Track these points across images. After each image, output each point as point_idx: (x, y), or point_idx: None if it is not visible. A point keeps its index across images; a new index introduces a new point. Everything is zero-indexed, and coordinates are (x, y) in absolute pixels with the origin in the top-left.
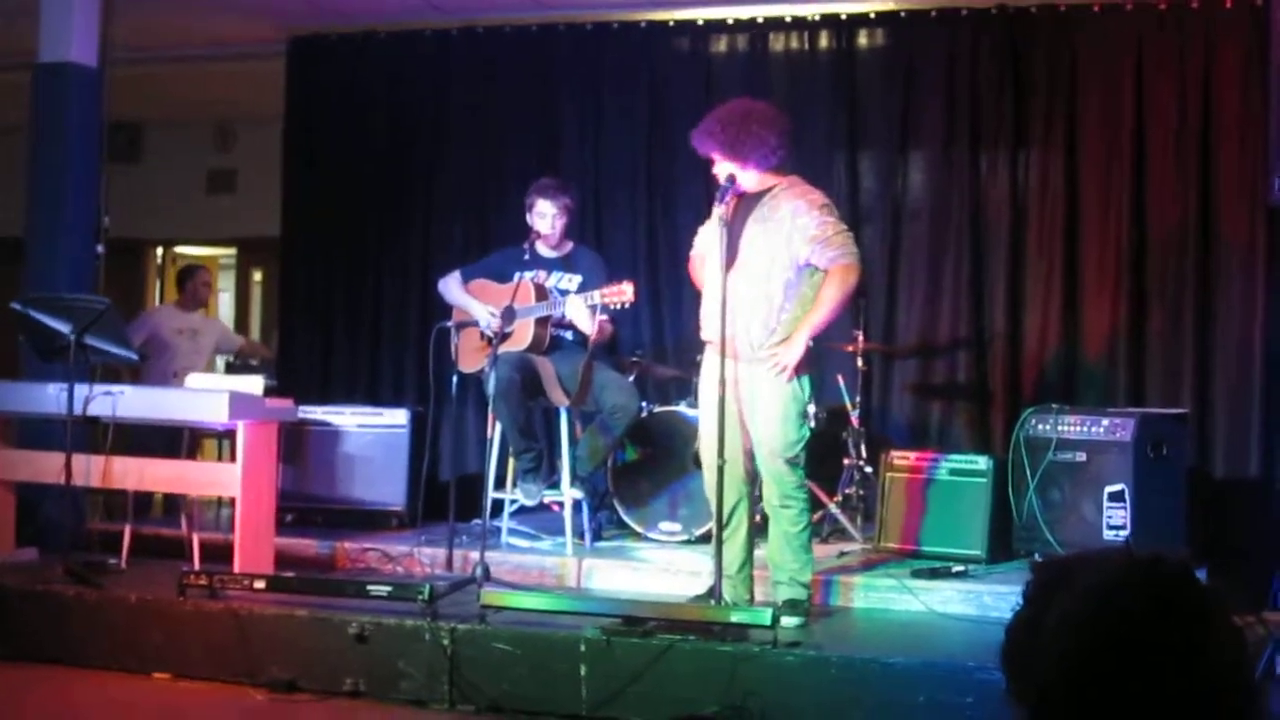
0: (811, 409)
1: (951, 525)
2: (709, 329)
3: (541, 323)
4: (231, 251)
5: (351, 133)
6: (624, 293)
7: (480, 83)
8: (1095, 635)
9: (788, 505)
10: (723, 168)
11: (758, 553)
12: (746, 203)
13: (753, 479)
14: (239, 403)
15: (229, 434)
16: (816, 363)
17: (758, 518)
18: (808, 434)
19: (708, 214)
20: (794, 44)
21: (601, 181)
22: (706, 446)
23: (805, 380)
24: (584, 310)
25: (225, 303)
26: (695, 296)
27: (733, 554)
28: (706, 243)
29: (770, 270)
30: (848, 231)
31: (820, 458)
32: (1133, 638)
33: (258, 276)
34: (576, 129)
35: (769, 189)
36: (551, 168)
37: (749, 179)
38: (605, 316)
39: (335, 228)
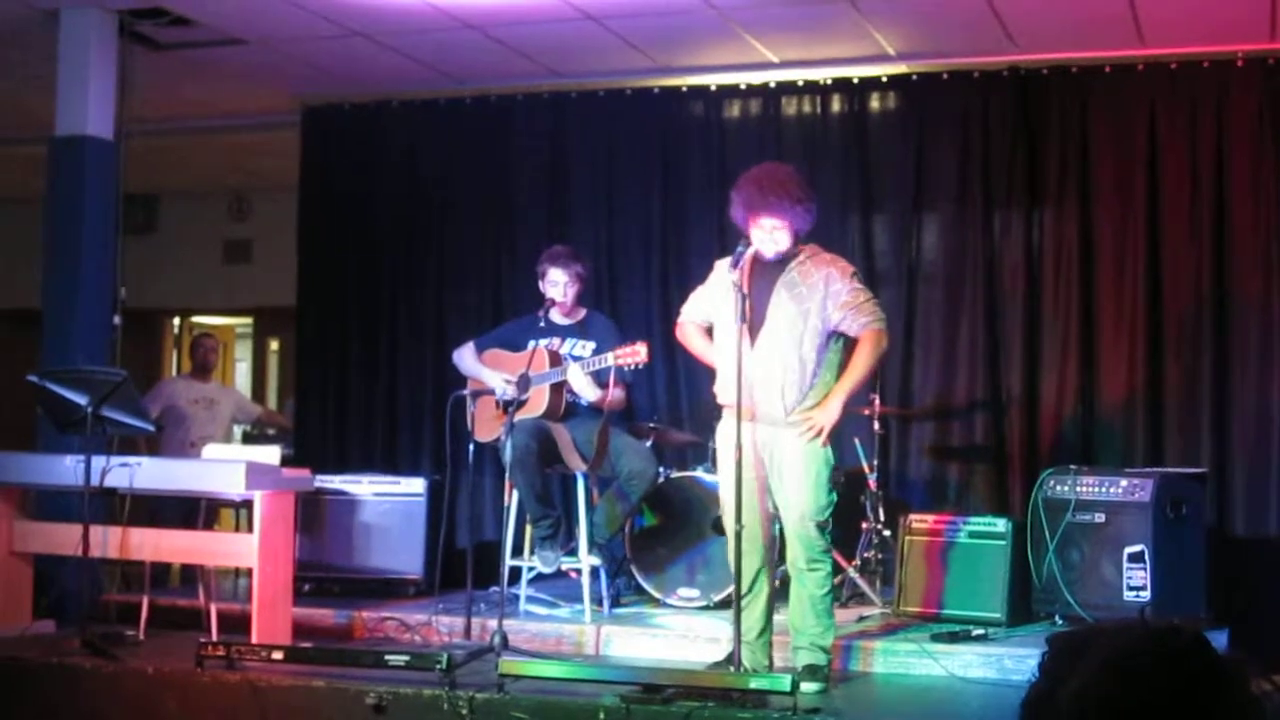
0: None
1: (971, 588)
2: (726, 393)
3: (556, 389)
4: (248, 321)
5: (366, 201)
6: (638, 353)
7: (494, 150)
8: (1113, 709)
9: (814, 568)
10: (763, 230)
11: (777, 617)
12: (767, 269)
13: (773, 544)
14: (256, 473)
15: (246, 504)
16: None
17: (777, 582)
18: (834, 499)
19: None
20: (806, 108)
21: (615, 248)
22: (729, 512)
23: (831, 448)
24: (583, 378)
25: (242, 372)
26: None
27: (752, 620)
28: (708, 309)
29: (803, 335)
30: (875, 299)
31: (838, 521)
32: (1150, 711)
33: (274, 345)
34: (589, 196)
35: (794, 255)
36: (564, 235)
37: (783, 243)
38: (622, 383)
39: (350, 296)
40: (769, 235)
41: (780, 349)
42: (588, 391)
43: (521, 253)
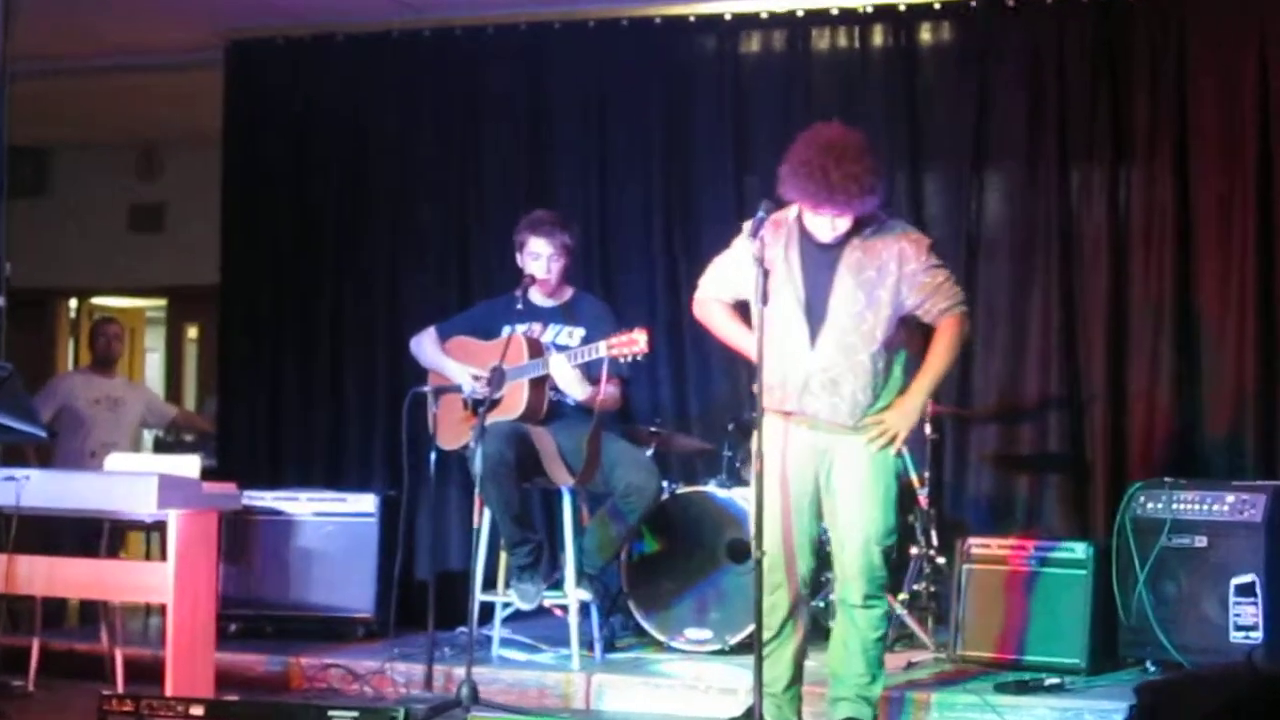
0: None
1: (1044, 628)
2: (776, 395)
3: (537, 385)
4: (161, 303)
5: (304, 158)
6: (635, 342)
7: (459, 96)
8: None
9: (871, 604)
10: (823, 219)
11: (809, 664)
12: (822, 246)
13: (810, 575)
14: (170, 488)
15: (158, 526)
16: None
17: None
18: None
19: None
20: (841, 41)
21: (609, 214)
22: (765, 533)
23: (904, 455)
24: (570, 371)
25: (153, 365)
26: (725, 353)
27: (780, 668)
28: (738, 282)
29: (874, 329)
30: (954, 277)
31: None
32: None
33: (192, 333)
34: (577, 150)
35: (855, 231)
36: (547, 198)
37: (844, 229)
38: (617, 379)
39: (285, 273)
40: (828, 224)
41: (849, 348)
42: (575, 388)
43: (494, 221)
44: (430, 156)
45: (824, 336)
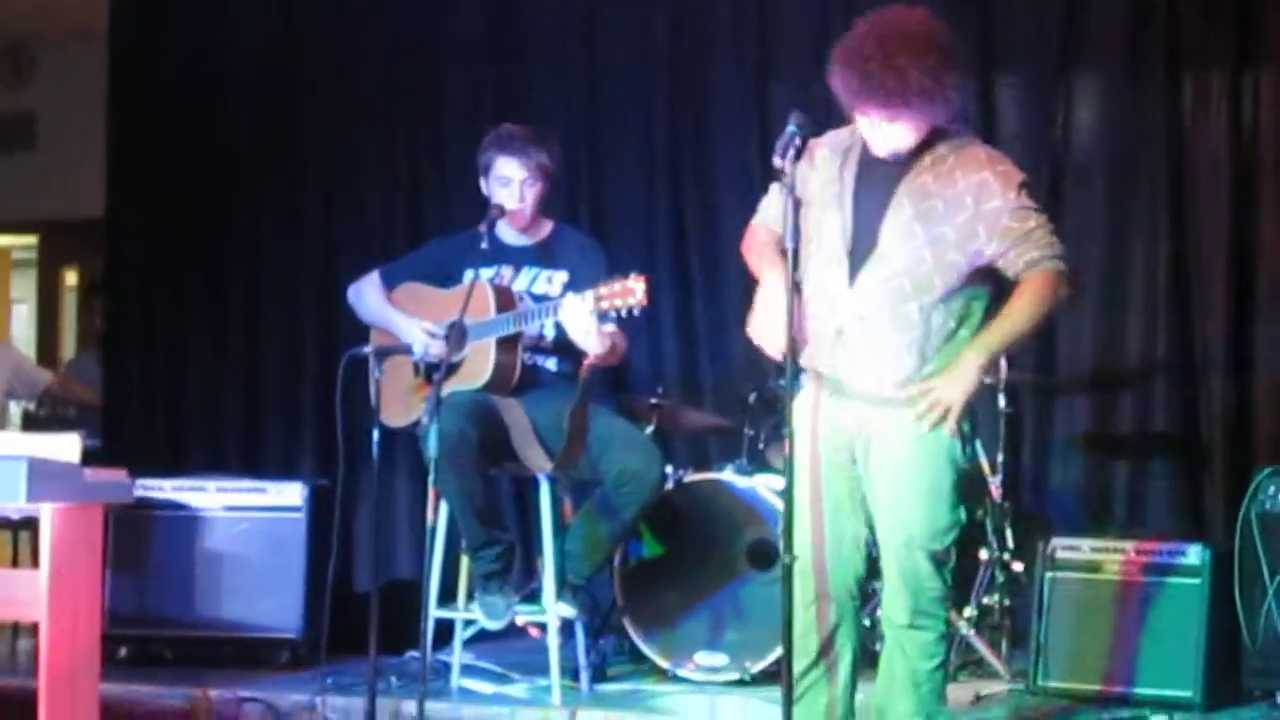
0: None
1: (1148, 652)
2: (809, 351)
3: (508, 345)
4: (31, 240)
5: (213, 58)
6: (631, 291)
7: None
8: None
9: (921, 626)
10: (870, 122)
11: (859, 697)
12: (885, 162)
13: (857, 587)
14: (43, 476)
15: (28, 524)
16: (975, 409)
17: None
18: (963, 518)
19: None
20: None
21: (599, 131)
22: (796, 532)
23: (963, 434)
24: (585, 314)
25: (21, 319)
26: (747, 303)
27: (819, 705)
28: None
29: (932, 273)
30: (1051, 224)
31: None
32: None
33: (71, 278)
34: (557, 50)
35: (926, 145)
36: (519, 114)
37: (901, 141)
38: (614, 326)
39: (188, 203)
40: (878, 132)
41: (895, 293)
42: (592, 340)
43: (454, 141)
44: (374, 63)
45: (866, 274)
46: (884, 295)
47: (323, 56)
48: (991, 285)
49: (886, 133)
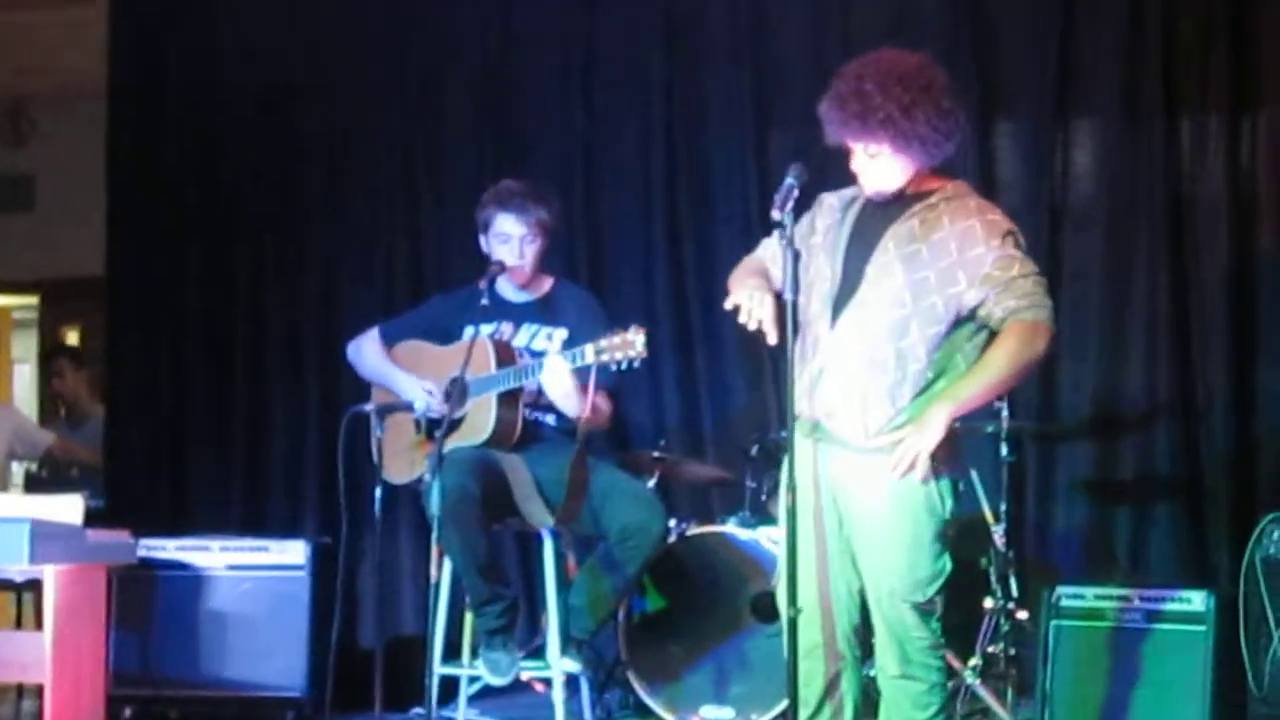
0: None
1: (1153, 700)
2: (798, 393)
3: (509, 401)
4: (31, 301)
5: (211, 115)
6: (630, 344)
7: (404, 30)
8: None
9: (913, 677)
10: (859, 156)
11: None
12: (878, 209)
13: (861, 637)
14: (46, 536)
15: (32, 586)
16: (960, 457)
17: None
18: (948, 568)
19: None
20: None
21: (597, 184)
22: (805, 581)
23: (945, 485)
24: (566, 376)
25: (23, 379)
26: (748, 355)
27: None
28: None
29: (910, 318)
30: (1039, 275)
31: (947, 598)
32: None
33: (72, 338)
34: (557, 101)
35: (919, 195)
36: (519, 166)
37: (890, 178)
38: (604, 391)
39: (189, 262)
40: (864, 166)
41: (871, 336)
42: (572, 402)
43: (453, 197)
44: (372, 108)
45: (846, 315)
46: (861, 337)
47: (322, 113)
48: (981, 340)
49: (871, 168)
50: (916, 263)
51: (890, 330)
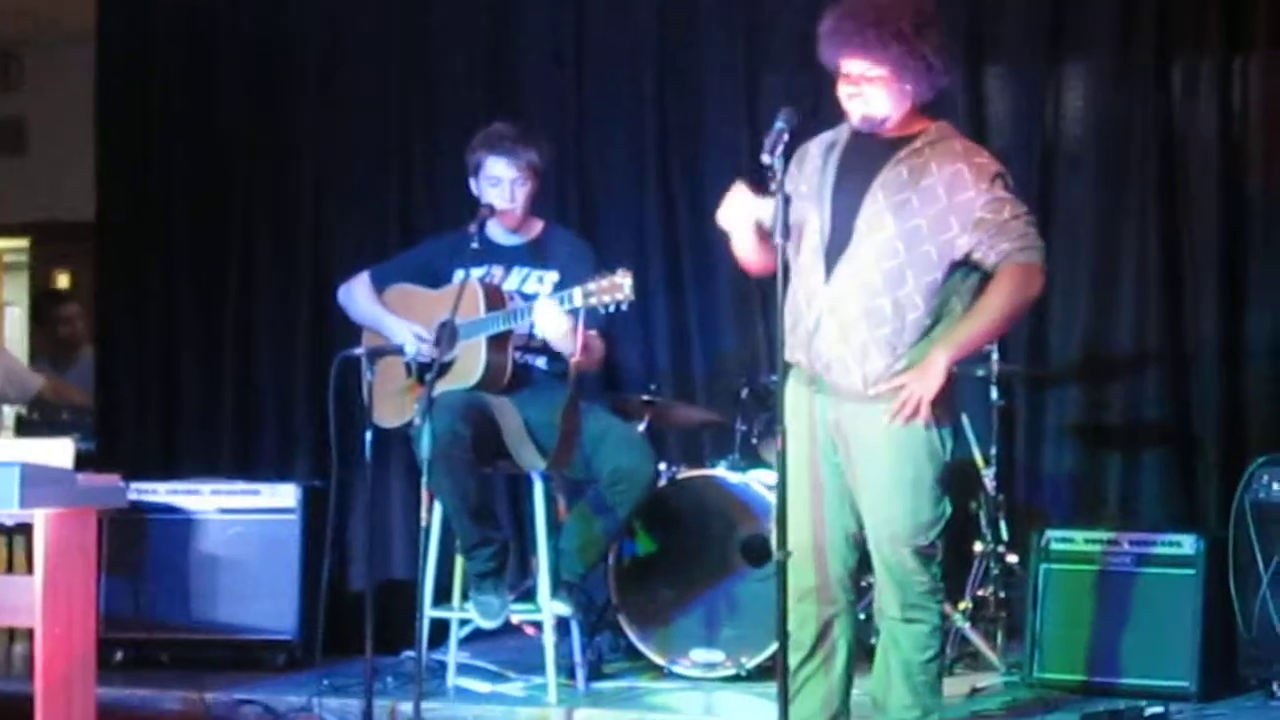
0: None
1: (1143, 643)
2: (794, 343)
3: (499, 344)
4: (22, 244)
5: (203, 59)
6: (618, 287)
7: None
8: None
9: (914, 619)
10: (849, 81)
11: (855, 692)
12: (864, 155)
13: (853, 579)
14: (36, 480)
15: (22, 530)
16: (956, 402)
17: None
18: (949, 512)
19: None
20: None
21: (587, 128)
22: (799, 525)
23: (946, 429)
24: (560, 317)
25: (13, 321)
26: (739, 298)
27: (816, 700)
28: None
29: (905, 266)
30: (1030, 215)
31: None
32: None
33: (63, 281)
34: (549, 46)
35: (904, 139)
36: (510, 109)
37: (878, 105)
38: (594, 330)
39: (179, 207)
40: (857, 90)
41: (866, 286)
42: (566, 341)
43: (445, 139)
44: (365, 64)
45: (841, 268)
46: (857, 289)
47: (313, 55)
48: (974, 281)
49: (867, 92)
50: (907, 211)
51: (885, 280)
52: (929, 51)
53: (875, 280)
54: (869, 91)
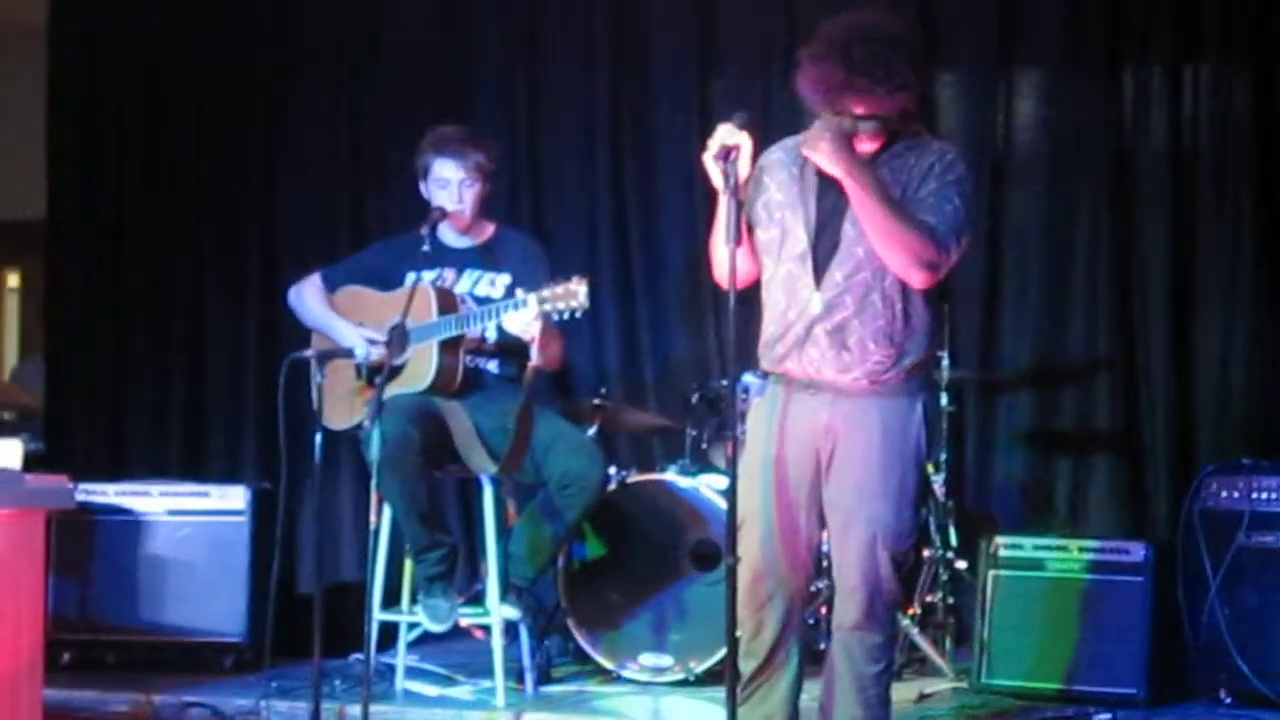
0: None
1: (1091, 650)
2: (770, 352)
3: (450, 348)
4: None
5: (153, 57)
6: (573, 294)
7: None
8: None
9: (872, 630)
10: (861, 124)
11: (803, 698)
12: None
13: (805, 587)
14: None
15: None
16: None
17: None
18: (922, 522)
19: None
20: None
21: (540, 131)
22: (742, 532)
23: (926, 434)
24: (532, 321)
25: None
26: (689, 303)
27: (769, 707)
28: (755, 203)
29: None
30: (969, 222)
31: None
32: None
33: (12, 280)
34: (499, 51)
35: (884, 149)
36: (461, 113)
37: (875, 139)
38: (557, 333)
39: (130, 206)
40: (853, 126)
41: (857, 285)
42: (529, 330)
43: (397, 141)
44: (316, 65)
45: (832, 271)
46: (850, 290)
47: (264, 57)
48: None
49: (860, 130)
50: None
51: (875, 275)
52: (911, 87)
53: (866, 278)
54: (862, 129)
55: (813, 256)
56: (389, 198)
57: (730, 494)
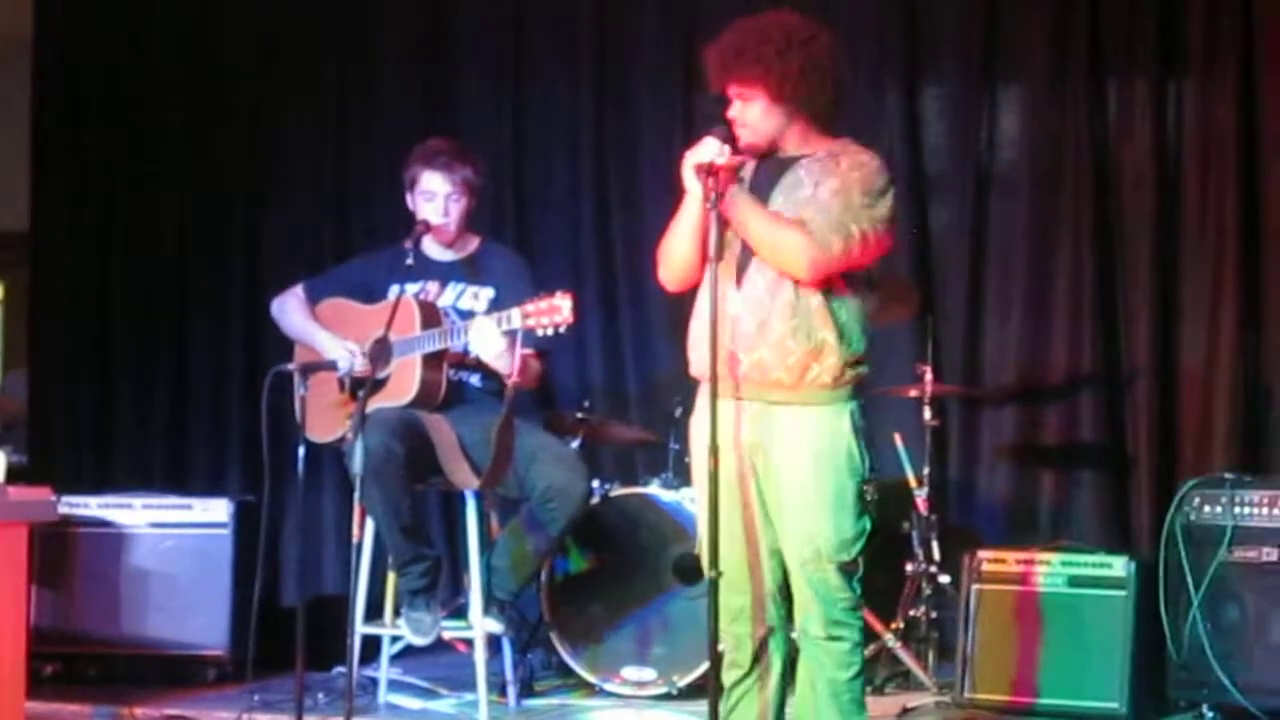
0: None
1: (1074, 664)
2: (698, 358)
3: (433, 362)
4: None
5: (140, 67)
6: (557, 310)
7: None
8: None
9: (837, 636)
10: (751, 111)
11: (789, 710)
12: (769, 170)
13: (786, 597)
14: None
15: None
16: (867, 415)
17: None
18: (869, 527)
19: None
20: None
21: (525, 145)
22: (706, 550)
23: (862, 444)
24: (496, 337)
25: None
26: (673, 318)
27: (751, 717)
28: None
29: None
30: (860, 235)
31: (870, 561)
32: None
33: None
34: (486, 66)
35: (804, 156)
36: (447, 127)
37: (760, 124)
38: (530, 350)
39: (115, 217)
40: (743, 110)
41: (771, 282)
42: (501, 361)
43: (381, 155)
44: (301, 77)
45: (750, 271)
46: (765, 288)
47: (249, 69)
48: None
49: (746, 115)
50: (802, 203)
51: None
52: (798, 74)
53: (779, 275)
54: (749, 114)
55: (737, 260)
56: (373, 210)
57: (711, 507)
